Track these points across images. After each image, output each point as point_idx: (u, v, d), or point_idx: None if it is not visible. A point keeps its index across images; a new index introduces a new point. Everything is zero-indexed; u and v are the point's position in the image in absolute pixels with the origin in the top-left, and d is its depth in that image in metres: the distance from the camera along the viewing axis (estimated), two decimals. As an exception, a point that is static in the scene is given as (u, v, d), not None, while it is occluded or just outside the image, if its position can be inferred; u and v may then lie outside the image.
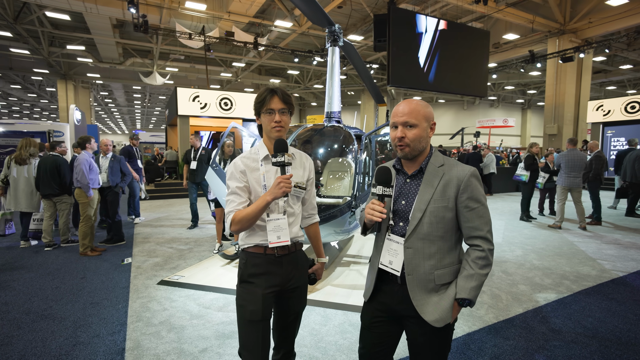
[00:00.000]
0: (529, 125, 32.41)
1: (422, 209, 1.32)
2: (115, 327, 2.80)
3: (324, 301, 3.25)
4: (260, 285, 1.52)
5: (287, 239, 1.54)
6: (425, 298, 1.34)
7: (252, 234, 1.56)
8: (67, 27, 15.84)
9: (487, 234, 1.32)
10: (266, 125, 1.55)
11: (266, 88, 1.55)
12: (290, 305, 1.64)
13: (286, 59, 20.22)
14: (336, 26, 4.40)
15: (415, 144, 1.33)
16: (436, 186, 1.33)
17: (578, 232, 6.14)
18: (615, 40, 14.18)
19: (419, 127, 1.33)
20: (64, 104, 21.37)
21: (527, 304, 3.25)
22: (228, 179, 1.54)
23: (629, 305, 3.26)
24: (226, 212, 1.51)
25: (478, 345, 2.56)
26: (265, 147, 1.59)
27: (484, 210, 1.33)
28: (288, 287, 1.59)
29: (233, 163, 1.56)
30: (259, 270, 1.53)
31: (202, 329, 2.78)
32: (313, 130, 4.46)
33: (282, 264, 1.56)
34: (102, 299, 3.33)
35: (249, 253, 1.57)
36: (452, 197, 1.31)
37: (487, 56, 12.39)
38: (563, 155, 6.28)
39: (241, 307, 1.53)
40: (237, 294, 1.57)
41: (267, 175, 1.56)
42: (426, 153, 1.40)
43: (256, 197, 1.54)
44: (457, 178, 1.32)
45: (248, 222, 1.46)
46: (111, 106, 37.53)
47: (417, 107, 1.34)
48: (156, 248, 5.14)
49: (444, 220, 1.32)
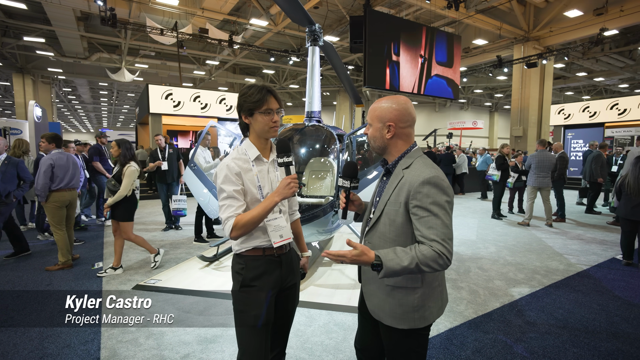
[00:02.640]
0: (496, 128, 33.94)
1: (380, 209, 1.35)
2: (88, 335, 2.64)
3: (308, 301, 3.23)
4: (263, 288, 1.49)
5: (289, 235, 1.55)
6: (375, 290, 1.39)
7: (250, 237, 1.52)
8: (23, 16, 14.74)
9: (433, 243, 1.17)
10: (262, 125, 1.49)
11: (259, 86, 1.49)
12: (287, 303, 1.63)
13: (262, 58, 19.98)
14: (316, 25, 4.38)
15: (372, 142, 1.37)
16: (394, 189, 1.31)
17: (545, 229, 6.48)
18: (573, 49, 15.15)
19: (372, 126, 1.36)
20: (21, 99, 19.95)
21: (504, 299, 3.38)
22: (222, 183, 1.46)
23: (593, 296, 3.48)
24: (224, 218, 1.42)
25: (460, 339, 2.64)
26: (254, 147, 1.53)
27: (434, 219, 1.19)
28: (285, 285, 1.59)
29: (225, 166, 1.48)
30: (259, 272, 1.51)
31: (182, 333, 2.68)
32: (294, 129, 4.42)
33: (281, 264, 1.56)
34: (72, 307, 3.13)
35: (247, 257, 1.52)
36: (402, 202, 1.27)
37: (459, 60, 12.85)
38: (534, 156, 6.61)
39: (242, 312, 1.48)
40: (236, 300, 1.51)
41: (260, 175, 1.52)
42: (394, 153, 1.37)
43: (252, 199, 1.49)
44: (409, 183, 1.26)
45: (253, 225, 1.42)
46: (75, 103, 35.53)
47: (375, 107, 1.36)
48: (129, 251, 4.90)
49: (395, 223, 1.30)
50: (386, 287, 1.34)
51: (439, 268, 1.17)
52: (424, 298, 1.32)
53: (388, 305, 1.34)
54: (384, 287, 1.35)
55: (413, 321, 1.32)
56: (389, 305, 1.34)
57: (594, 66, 19.77)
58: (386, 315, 1.35)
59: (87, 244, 5.28)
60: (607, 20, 12.81)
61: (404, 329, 1.32)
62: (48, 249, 4.96)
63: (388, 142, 1.36)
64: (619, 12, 12.51)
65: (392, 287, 1.33)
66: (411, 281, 1.31)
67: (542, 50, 15.38)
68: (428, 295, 1.33)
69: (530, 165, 6.67)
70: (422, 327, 1.33)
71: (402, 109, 1.33)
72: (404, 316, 1.31)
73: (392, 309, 1.33)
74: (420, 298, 1.31)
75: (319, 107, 4.48)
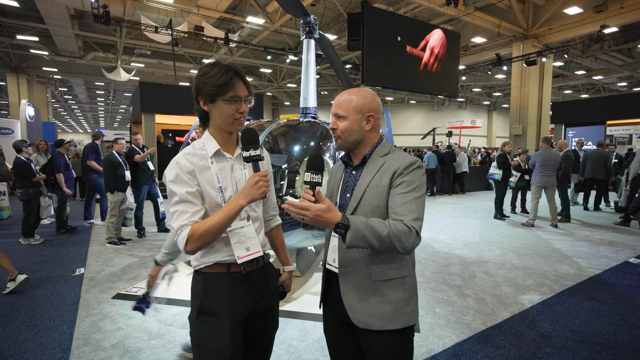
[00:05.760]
0: (494, 126, 33.74)
1: (357, 198, 1.23)
2: (56, 354, 2.37)
3: (301, 312, 2.97)
4: (225, 316, 1.19)
5: (258, 249, 1.27)
6: (357, 295, 1.21)
7: (210, 251, 1.23)
8: (16, 14, 14.45)
9: (410, 222, 1.10)
10: (225, 115, 1.20)
11: (224, 66, 1.17)
12: (262, 330, 1.34)
13: (259, 57, 19.72)
14: (311, 17, 4.14)
15: (346, 135, 1.26)
16: (374, 174, 1.23)
17: (550, 230, 6.24)
18: (572, 47, 14.95)
19: (348, 119, 1.25)
20: (15, 99, 19.61)
21: (513, 307, 3.13)
22: (171, 184, 1.17)
23: (610, 304, 3.23)
24: (176, 227, 1.14)
25: (469, 356, 2.38)
26: (213, 140, 1.24)
27: (414, 199, 1.14)
28: (258, 309, 1.30)
29: (176, 163, 1.19)
30: (222, 294, 1.22)
31: (162, 351, 2.42)
32: (288, 126, 4.17)
33: (250, 283, 1.26)
34: (42, 320, 2.86)
35: (207, 275, 1.23)
36: (386, 185, 1.20)
37: (458, 57, 12.64)
38: (538, 155, 6.37)
39: (201, 347, 1.18)
40: (193, 330, 1.22)
41: (221, 174, 1.23)
42: (369, 144, 1.29)
43: (211, 204, 1.21)
44: (395, 166, 1.21)
45: (213, 235, 1.13)
46: (71, 103, 35.16)
47: (349, 99, 1.25)
48: (114, 256, 4.64)
49: (379, 209, 1.20)
50: (372, 284, 1.20)
51: (407, 245, 1.08)
52: (412, 288, 1.24)
53: (376, 306, 1.19)
54: (369, 285, 1.20)
55: (406, 317, 1.21)
56: (377, 304, 1.19)
57: (593, 64, 19.57)
58: (375, 319, 1.18)
59: (71, 248, 5.01)
60: (607, 18, 12.61)
61: (397, 329, 1.19)
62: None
63: (365, 135, 1.27)
64: (619, 9, 12.31)
65: (380, 283, 1.20)
66: (399, 270, 1.21)
67: (542, 48, 15.17)
68: (413, 283, 1.27)
69: (534, 164, 6.43)
70: (414, 323, 1.23)
71: (378, 100, 1.29)
72: (396, 313, 1.19)
73: (381, 309, 1.19)
74: (409, 288, 1.23)
75: (315, 104, 4.25)
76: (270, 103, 33.35)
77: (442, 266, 4.26)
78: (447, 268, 4.19)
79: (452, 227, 6.47)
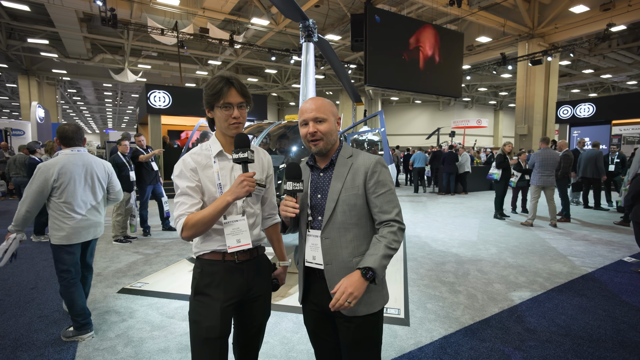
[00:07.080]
0: (501, 126, 33.51)
1: (334, 199, 1.35)
2: (65, 343, 2.53)
3: (296, 306, 3.10)
4: (218, 297, 1.37)
5: (248, 242, 1.41)
6: None
7: (208, 239, 1.40)
8: (27, 18, 14.83)
9: (396, 217, 1.32)
10: (221, 121, 1.39)
11: (219, 77, 1.37)
12: (253, 316, 1.49)
13: (263, 58, 19.89)
14: (310, 21, 4.26)
15: (328, 137, 1.36)
16: (346, 175, 1.36)
17: (549, 229, 6.28)
18: (579, 46, 14.84)
19: (328, 121, 1.37)
20: (27, 101, 20.09)
21: (503, 303, 3.22)
22: (176, 178, 1.38)
23: (598, 301, 3.30)
24: (176, 216, 1.33)
25: (454, 348, 2.49)
26: (218, 142, 1.43)
27: (391, 195, 1.35)
28: (250, 296, 1.45)
29: (182, 160, 1.39)
30: (216, 279, 1.38)
31: (164, 341, 2.57)
32: (287, 127, 4.30)
33: (243, 271, 1.42)
34: (52, 312, 3.03)
35: (204, 260, 1.41)
36: (360, 184, 1.34)
37: (462, 58, 12.63)
38: (537, 155, 6.41)
39: (195, 323, 1.36)
40: (190, 308, 1.40)
41: (221, 173, 1.41)
42: (336, 147, 1.43)
43: (210, 198, 1.38)
44: (364, 166, 1.35)
45: (203, 226, 1.30)
46: (80, 104, 35.79)
47: (324, 103, 1.39)
48: (120, 253, 4.81)
49: (356, 207, 1.34)
50: None
51: (401, 239, 1.30)
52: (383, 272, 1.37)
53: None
54: None
55: (383, 298, 1.37)
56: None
57: (600, 63, 19.37)
58: (360, 305, 1.31)
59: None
60: (614, 16, 12.48)
61: (375, 312, 1.34)
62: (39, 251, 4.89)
63: (336, 137, 1.42)
64: (626, 7, 12.18)
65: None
66: None
67: (547, 47, 15.08)
68: None
69: (534, 164, 6.47)
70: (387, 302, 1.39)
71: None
72: (376, 297, 1.34)
73: (364, 296, 1.30)
74: None
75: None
76: (275, 103, 33.56)
77: (438, 264, 4.35)
78: (442, 266, 4.28)
79: (451, 226, 6.54)
